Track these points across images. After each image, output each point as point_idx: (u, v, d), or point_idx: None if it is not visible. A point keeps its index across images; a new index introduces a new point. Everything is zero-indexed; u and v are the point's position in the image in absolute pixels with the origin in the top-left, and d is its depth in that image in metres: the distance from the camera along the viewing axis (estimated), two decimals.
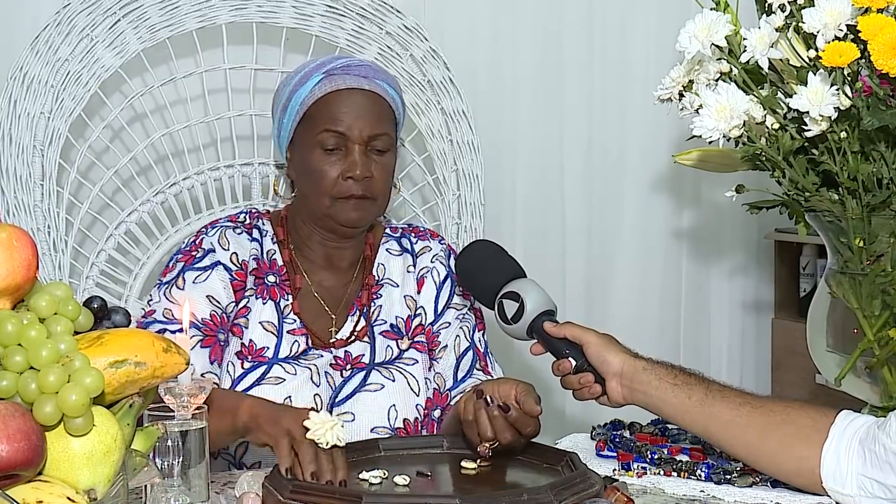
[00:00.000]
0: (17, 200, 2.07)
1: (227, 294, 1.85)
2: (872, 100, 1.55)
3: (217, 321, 1.83)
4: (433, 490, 1.53)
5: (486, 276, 1.76)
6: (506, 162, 2.68)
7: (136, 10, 2.14)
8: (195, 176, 2.24)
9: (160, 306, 1.82)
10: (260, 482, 1.47)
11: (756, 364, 2.98)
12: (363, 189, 1.84)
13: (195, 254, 1.87)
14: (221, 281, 1.85)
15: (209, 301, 1.83)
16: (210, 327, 1.82)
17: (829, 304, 1.76)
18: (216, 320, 1.83)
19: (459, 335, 1.93)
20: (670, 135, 2.63)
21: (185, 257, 1.87)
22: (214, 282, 1.85)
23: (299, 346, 1.86)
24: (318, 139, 1.84)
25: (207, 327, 1.82)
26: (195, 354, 1.78)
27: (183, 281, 1.84)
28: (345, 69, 1.87)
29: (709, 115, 1.64)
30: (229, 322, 1.85)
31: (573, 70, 2.74)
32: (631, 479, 1.63)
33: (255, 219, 1.94)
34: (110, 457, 1.12)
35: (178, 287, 1.83)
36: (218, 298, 1.84)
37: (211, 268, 1.85)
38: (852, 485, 1.48)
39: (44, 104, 2.09)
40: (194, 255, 1.86)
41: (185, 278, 1.84)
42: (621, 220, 2.81)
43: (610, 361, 1.65)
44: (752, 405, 1.57)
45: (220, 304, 1.84)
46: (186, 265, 1.86)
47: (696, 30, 1.66)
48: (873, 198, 1.63)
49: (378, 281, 1.95)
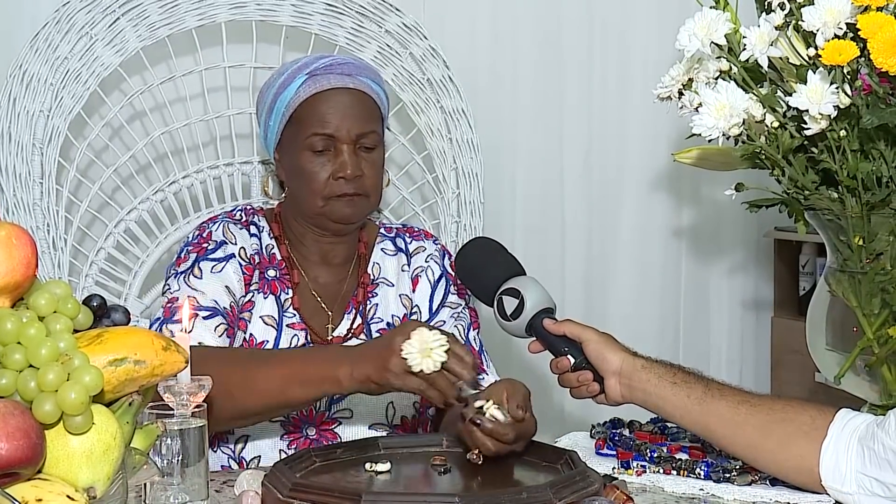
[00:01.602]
0: (17, 199, 2.07)
1: (239, 287, 1.86)
2: (872, 98, 1.55)
3: (234, 313, 1.83)
4: (430, 488, 1.53)
5: (486, 273, 1.76)
6: (505, 160, 2.68)
7: (135, 9, 2.14)
8: (195, 174, 2.24)
9: (181, 294, 1.80)
10: (259, 480, 1.47)
11: (755, 362, 2.98)
12: (355, 187, 1.85)
13: (207, 245, 1.86)
14: (235, 273, 1.86)
15: (227, 291, 1.83)
16: (231, 317, 1.82)
17: (828, 303, 1.76)
18: (233, 312, 1.83)
19: (454, 334, 1.92)
20: (670, 133, 2.63)
21: (196, 248, 1.86)
22: (230, 273, 1.85)
23: (298, 341, 1.86)
24: (307, 142, 1.85)
25: (230, 317, 1.81)
26: (219, 342, 1.78)
27: (200, 270, 1.83)
28: (328, 69, 1.87)
29: (708, 114, 1.64)
30: (239, 315, 1.85)
31: (573, 68, 2.74)
32: (630, 477, 1.63)
33: (251, 215, 1.94)
34: (110, 455, 1.12)
35: (195, 276, 1.83)
36: (234, 290, 1.84)
37: (226, 259, 1.85)
38: (851, 483, 1.48)
39: (43, 102, 2.09)
40: (206, 247, 1.86)
41: (202, 268, 1.84)
42: (621, 219, 2.82)
43: (609, 359, 1.65)
44: (751, 403, 1.57)
45: (235, 296, 1.84)
46: (200, 255, 1.85)
47: (696, 28, 1.66)
48: (873, 196, 1.63)
49: (373, 280, 1.95)
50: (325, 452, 1.58)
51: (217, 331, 1.78)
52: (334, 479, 1.51)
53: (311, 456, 1.56)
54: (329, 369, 1.62)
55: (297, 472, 1.49)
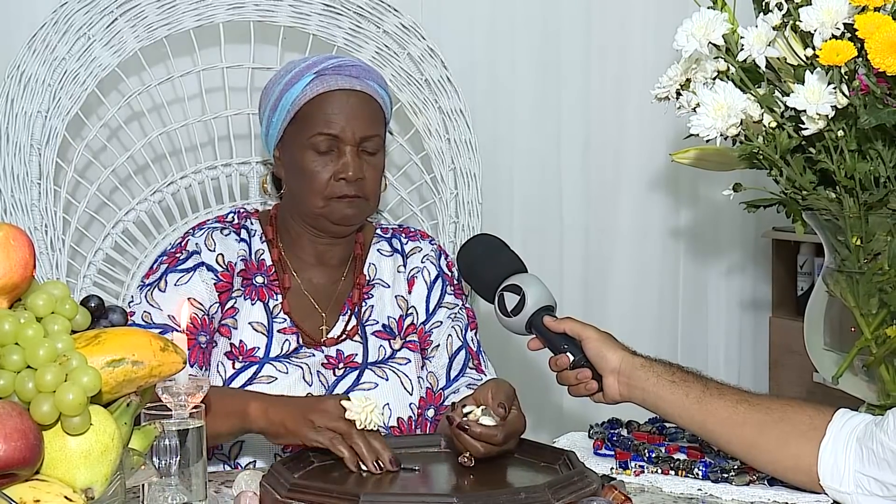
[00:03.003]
0: (15, 199, 2.07)
1: (210, 296, 1.85)
2: (869, 98, 1.55)
3: (198, 324, 1.83)
4: (428, 489, 1.53)
5: (488, 269, 1.76)
6: (503, 160, 2.68)
7: (133, 9, 2.14)
8: (193, 175, 2.24)
9: (140, 308, 1.82)
10: (258, 481, 1.47)
11: (753, 362, 2.99)
12: (355, 189, 1.85)
13: (179, 255, 1.87)
14: (204, 282, 1.85)
15: (190, 304, 1.83)
16: (190, 330, 1.81)
17: (826, 303, 1.76)
18: (197, 323, 1.83)
19: (451, 334, 1.93)
20: (668, 133, 2.63)
21: (168, 259, 1.87)
22: (196, 283, 1.85)
23: (290, 345, 1.86)
24: (311, 142, 1.85)
25: (189, 330, 1.81)
26: None
27: (165, 283, 1.84)
28: (335, 69, 1.87)
29: (706, 114, 1.64)
30: (215, 324, 1.85)
31: (571, 68, 2.74)
32: (628, 477, 1.63)
33: (244, 218, 1.94)
34: (107, 456, 1.12)
35: (159, 289, 1.84)
36: (200, 301, 1.84)
37: (193, 270, 1.86)
38: (850, 482, 1.48)
39: (41, 103, 2.09)
40: (178, 258, 1.87)
41: (168, 280, 1.85)
42: (619, 219, 2.82)
43: (608, 358, 1.65)
44: (749, 403, 1.57)
45: (203, 306, 1.84)
46: (169, 267, 1.86)
47: (694, 28, 1.66)
48: (870, 196, 1.63)
49: (369, 281, 1.95)
50: (322, 453, 1.58)
51: None
52: (332, 479, 1.50)
53: (308, 456, 1.56)
54: (241, 404, 1.64)
55: (296, 473, 1.49)
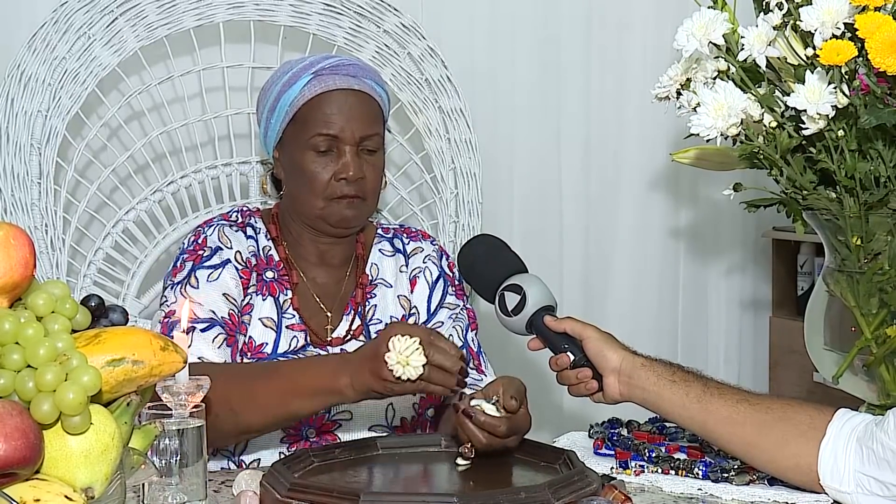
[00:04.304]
0: (15, 199, 2.07)
1: (238, 292, 1.85)
2: (870, 98, 1.55)
3: (235, 320, 1.83)
4: (428, 488, 1.53)
5: (489, 268, 1.77)
6: (503, 160, 2.68)
7: (133, 9, 2.14)
8: (193, 174, 2.24)
9: (178, 306, 1.79)
10: (258, 480, 1.47)
11: (754, 362, 2.99)
12: (356, 189, 1.85)
13: (202, 252, 1.86)
14: (233, 279, 1.85)
15: (226, 299, 1.82)
16: (230, 327, 1.81)
17: (826, 302, 1.76)
18: (234, 319, 1.83)
19: (453, 334, 1.93)
20: (668, 133, 2.63)
21: (191, 256, 1.86)
22: (227, 280, 1.84)
23: (298, 342, 1.86)
24: (311, 142, 1.84)
25: (229, 326, 1.81)
26: (219, 353, 1.78)
27: (196, 280, 1.83)
28: (333, 69, 1.87)
29: (706, 114, 1.64)
30: (240, 320, 1.85)
31: (571, 68, 2.74)
32: (629, 477, 1.63)
33: (247, 217, 1.94)
34: (108, 455, 1.12)
35: (191, 286, 1.82)
36: (233, 297, 1.84)
37: (222, 266, 1.85)
38: (850, 482, 1.48)
39: (41, 102, 2.09)
40: (201, 254, 1.85)
41: (198, 277, 1.83)
42: (619, 219, 2.82)
43: (609, 357, 1.65)
44: (749, 402, 1.57)
45: (236, 302, 1.84)
46: (196, 264, 1.84)
47: (694, 28, 1.66)
48: (871, 196, 1.63)
49: (372, 281, 1.95)
50: (323, 452, 1.58)
51: (216, 342, 1.78)
52: (332, 479, 1.51)
53: (309, 456, 1.56)
54: (329, 381, 1.64)
55: (296, 472, 1.49)
